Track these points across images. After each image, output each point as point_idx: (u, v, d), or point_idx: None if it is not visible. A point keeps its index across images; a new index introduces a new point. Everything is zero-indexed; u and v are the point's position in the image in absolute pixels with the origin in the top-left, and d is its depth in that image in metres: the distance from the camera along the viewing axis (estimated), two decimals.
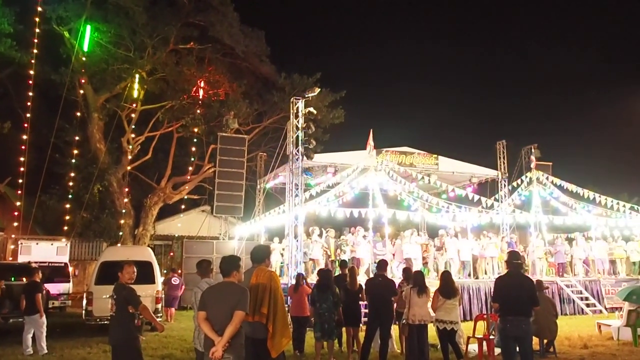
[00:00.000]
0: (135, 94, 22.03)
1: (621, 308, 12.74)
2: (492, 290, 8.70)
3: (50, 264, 17.47)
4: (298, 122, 15.55)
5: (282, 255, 17.56)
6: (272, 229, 19.66)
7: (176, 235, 26.05)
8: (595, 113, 55.48)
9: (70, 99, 20.72)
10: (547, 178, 19.60)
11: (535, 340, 8.83)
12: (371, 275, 13.20)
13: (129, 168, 23.05)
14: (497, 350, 8.85)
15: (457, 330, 9.18)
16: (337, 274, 11.76)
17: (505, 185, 20.43)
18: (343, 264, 11.17)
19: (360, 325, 10.03)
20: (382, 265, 9.57)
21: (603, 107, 53.34)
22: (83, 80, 21.31)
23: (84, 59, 20.82)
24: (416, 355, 8.79)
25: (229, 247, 19.53)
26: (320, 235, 17.06)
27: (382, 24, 66.56)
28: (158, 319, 12.90)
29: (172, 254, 25.15)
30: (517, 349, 7.07)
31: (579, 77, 60.29)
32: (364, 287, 9.63)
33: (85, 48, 20.61)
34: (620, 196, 22.46)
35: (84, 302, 12.66)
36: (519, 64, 63.34)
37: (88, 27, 20.45)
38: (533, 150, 20.03)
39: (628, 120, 45.35)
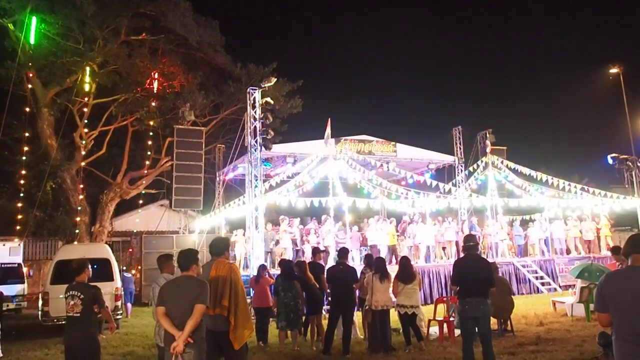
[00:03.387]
0: (86, 87, 21.34)
1: (574, 285, 13.22)
2: (451, 273, 8.88)
3: (2, 265, 16.96)
4: (255, 112, 15.45)
5: (245, 246, 17.49)
6: (232, 221, 19.52)
7: (135, 230, 25.57)
8: (546, 97, 57.16)
9: (18, 94, 19.87)
10: (501, 162, 20.10)
11: (493, 320, 9.09)
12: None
13: (83, 164, 22.40)
14: (457, 332, 9.07)
15: (418, 314, 9.38)
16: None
17: (462, 171, 20.85)
18: (315, 251, 11.20)
19: (323, 313, 10.14)
20: (343, 253, 9.64)
21: (554, 91, 54.96)
22: (31, 74, 20.51)
23: (30, 52, 20.01)
24: (379, 340, 8.93)
25: (189, 240, 19.31)
26: (290, 225, 17.12)
27: (337, 13, 66.64)
28: (118, 317, 12.81)
29: (131, 250, 24.70)
30: (477, 329, 7.25)
31: (531, 61, 61.90)
32: (325, 275, 9.72)
33: (32, 41, 19.80)
34: (572, 177, 23.27)
35: (40, 302, 12.31)
36: (473, 49, 64.56)
37: (34, 19, 19.63)
38: (488, 135, 20.51)
39: (578, 104, 46.91)
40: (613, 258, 10.33)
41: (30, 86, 20.69)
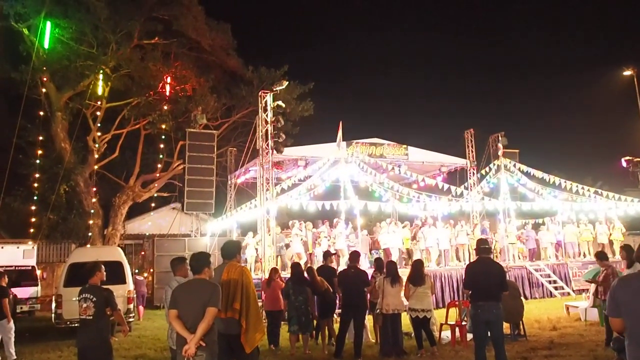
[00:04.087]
0: (99, 91, 21.53)
1: (588, 290, 13.08)
2: (463, 277, 8.82)
3: (16, 268, 17.11)
4: (267, 115, 15.48)
5: (256, 250, 17.51)
6: (244, 224, 19.57)
7: (147, 234, 25.73)
8: (559, 99, 56.74)
9: (32, 97, 20.12)
10: (514, 165, 19.92)
11: (505, 325, 9.03)
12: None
13: (96, 167, 22.60)
14: (470, 336, 9.01)
15: (430, 317, 9.31)
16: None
17: (474, 174, 20.71)
18: (326, 254, 11.19)
19: (334, 316, 10.13)
20: (354, 256, 9.62)
21: (567, 93, 54.52)
22: (45, 78, 20.75)
23: (44, 56, 20.25)
24: (390, 344, 8.90)
25: (201, 244, 19.37)
26: (300, 228, 17.08)
27: (349, 15, 66.65)
28: (131, 319, 12.88)
29: (143, 253, 24.85)
30: (489, 334, 7.20)
31: (544, 64, 61.48)
32: (336, 279, 9.71)
33: (46, 45, 20.06)
34: (585, 181, 23.00)
35: (53, 305, 12.41)
36: (486, 51, 64.23)
37: (48, 24, 19.89)
38: (500, 138, 20.32)
39: (591, 106, 46.51)
40: (597, 264, 10.26)
41: (44, 90, 20.93)
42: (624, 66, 24.00)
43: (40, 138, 20.86)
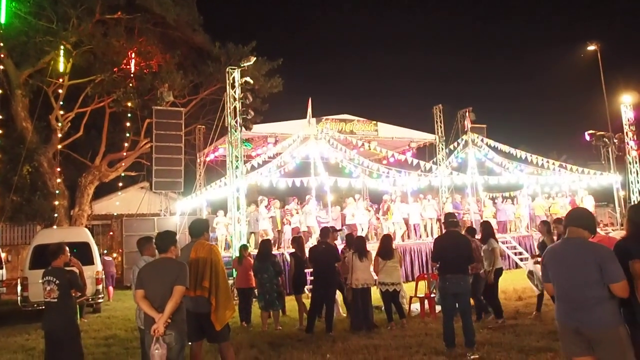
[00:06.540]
0: (61, 68, 20.82)
1: None
2: (432, 250, 8.97)
3: None
4: (235, 92, 15.27)
5: (227, 228, 17.41)
6: (214, 202, 19.42)
7: (115, 213, 25.34)
8: (526, 76, 57.53)
9: None
10: (481, 140, 20.20)
11: None
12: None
13: (59, 147, 21.94)
14: (438, 308, 9.19)
15: (400, 291, 9.47)
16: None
17: (442, 149, 20.92)
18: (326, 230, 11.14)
19: (305, 292, 10.21)
20: (325, 232, 9.66)
21: (533, 70, 55.26)
22: (2, 55, 19.97)
23: (1, 31, 19.44)
24: (361, 318, 9.01)
25: (170, 223, 19.18)
26: (267, 206, 16.98)
27: None
28: (100, 300, 12.76)
29: (111, 233, 24.51)
30: (457, 305, 7.35)
31: (511, 41, 62.09)
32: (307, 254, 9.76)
33: (2, 20, 19.25)
34: (550, 154, 23.52)
35: (19, 288, 12.18)
36: (454, 28, 64.46)
37: None
38: (468, 113, 20.55)
39: (557, 82, 47.30)
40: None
41: (2, 67, 20.12)
42: (588, 41, 24.37)
43: (0, 117, 20.18)
